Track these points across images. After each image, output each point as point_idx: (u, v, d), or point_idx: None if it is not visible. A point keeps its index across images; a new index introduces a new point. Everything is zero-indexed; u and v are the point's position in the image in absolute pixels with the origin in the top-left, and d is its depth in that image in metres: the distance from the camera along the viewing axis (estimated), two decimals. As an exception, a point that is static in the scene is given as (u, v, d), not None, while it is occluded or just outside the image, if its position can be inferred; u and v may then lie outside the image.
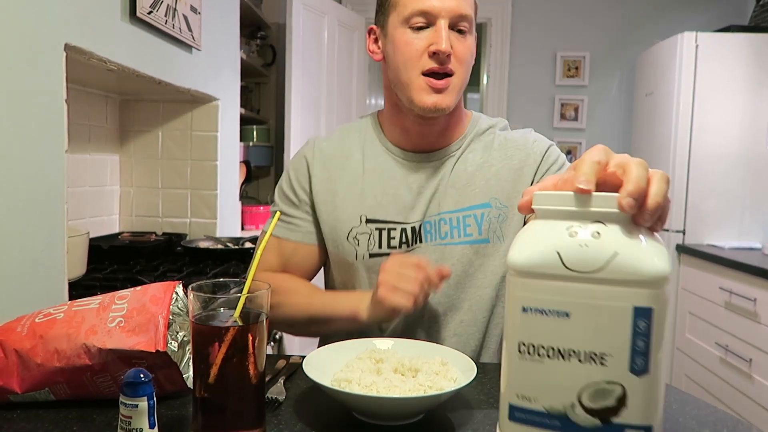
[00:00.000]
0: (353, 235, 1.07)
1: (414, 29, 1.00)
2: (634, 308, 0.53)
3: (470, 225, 1.06)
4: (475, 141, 1.11)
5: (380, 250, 1.06)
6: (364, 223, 1.07)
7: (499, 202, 1.06)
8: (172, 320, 0.77)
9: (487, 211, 1.06)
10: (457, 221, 1.06)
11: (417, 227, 1.06)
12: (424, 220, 1.07)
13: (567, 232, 0.56)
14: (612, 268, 0.54)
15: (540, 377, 0.57)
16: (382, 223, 1.07)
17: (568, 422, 0.56)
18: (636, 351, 0.54)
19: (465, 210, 1.06)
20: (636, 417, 0.54)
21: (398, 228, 1.06)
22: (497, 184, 1.07)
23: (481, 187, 1.07)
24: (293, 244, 1.12)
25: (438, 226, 1.06)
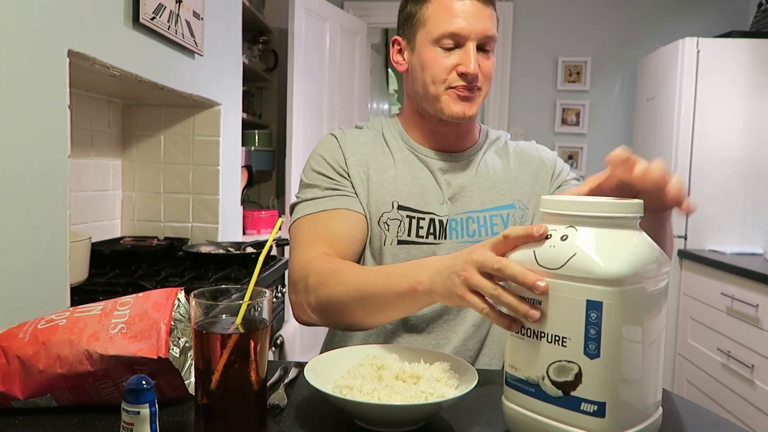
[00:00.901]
0: (384, 220, 1.08)
1: (443, 49, 1.05)
2: (587, 301, 0.63)
3: (497, 224, 1.11)
4: (489, 148, 1.19)
5: (409, 237, 1.08)
6: (396, 209, 1.08)
7: (522, 204, 1.14)
8: (174, 326, 0.77)
9: (512, 212, 1.12)
10: (484, 220, 1.11)
11: (445, 222, 1.09)
12: (450, 216, 1.10)
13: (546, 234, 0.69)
14: (570, 266, 0.65)
15: (522, 352, 0.69)
16: (413, 212, 1.09)
17: (540, 390, 0.67)
18: (589, 337, 0.63)
19: (492, 210, 1.12)
20: (590, 393, 0.64)
21: (427, 218, 1.09)
22: (518, 187, 1.15)
23: (505, 189, 1.14)
24: (336, 214, 1.06)
25: (466, 224, 1.10)
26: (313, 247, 1.03)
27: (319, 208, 1.06)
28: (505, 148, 1.20)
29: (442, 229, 1.09)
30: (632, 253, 0.65)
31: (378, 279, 0.90)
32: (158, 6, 1.59)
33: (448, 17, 1.03)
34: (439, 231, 1.09)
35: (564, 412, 0.65)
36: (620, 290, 0.63)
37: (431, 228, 1.09)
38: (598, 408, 0.63)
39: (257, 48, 3.40)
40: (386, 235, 1.08)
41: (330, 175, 1.09)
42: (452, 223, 1.09)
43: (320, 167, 1.11)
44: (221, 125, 2.21)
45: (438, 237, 1.09)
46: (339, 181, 1.09)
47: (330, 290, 0.95)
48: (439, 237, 1.09)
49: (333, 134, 1.15)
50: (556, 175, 1.19)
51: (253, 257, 1.94)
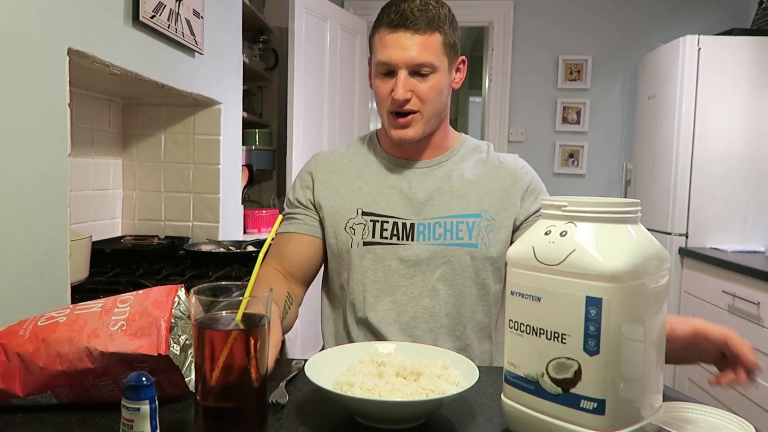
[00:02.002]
0: (350, 225, 1.19)
1: (383, 75, 1.15)
2: (586, 297, 0.63)
3: (462, 230, 1.18)
4: (466, 157, 1.26)
5: (373, 239, 1.18)
6: (360, 215, 1.19)
7: (489, 215, 1.19)
8: (174, 324, 0.77)
9: (478, 221, 1.18)
10: (450, 225, 1.18)
11: (409, 225, 1.18)
12: (418, 221, 1.18)
13: (545, 230, 0.69)
14: (569, 262, 0.64)
15: (521, 349, 0.69)
16: (376, 216, 1.19)
17: (539, 388, 0.67)
18: (588, 334, 0.63)
19: (459, 216, 1.18)
20: (590, 390, 0.63)
21: (390, 221, 1.18)
22: (489, 199, 1.20)
23: (474, 199, 1.20)
24: (288, 236, 1.24)
25: (432, 228, 1.18)
26: (269, 261, 1.23)
27: (282, 230, 1.25)
28: (486, 159, 1.26)
29: (407, 232, 1.18)
30: (632, 249, 0.65)
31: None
32: (158, 4, 1.59)
33: (381, 48, 1.13)
34: (404, 233, 1.18)
35: (563, 410, 0.65)
36: (619, 286, 0.62)
37: (395, 230, 1.18)
38: (598, 405, 0.63)
39: (257, 47, 3.40)
40: (352, 238, 1.19)
41: (296, 201, 1.26)
42: (420, 227, 1.18)
43: (293, 192, 1.28)
44: (222, 124, 2.21)
45: (402, 238, 1.18)
46: (302, 208, 1.25)
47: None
48: (405, 239, 1.18)
49: (309, 166, 1.29)
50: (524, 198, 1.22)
51: (253, 256, 1.93)
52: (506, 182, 1.23)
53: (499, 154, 1.28)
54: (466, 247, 1.17)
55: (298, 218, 1.25)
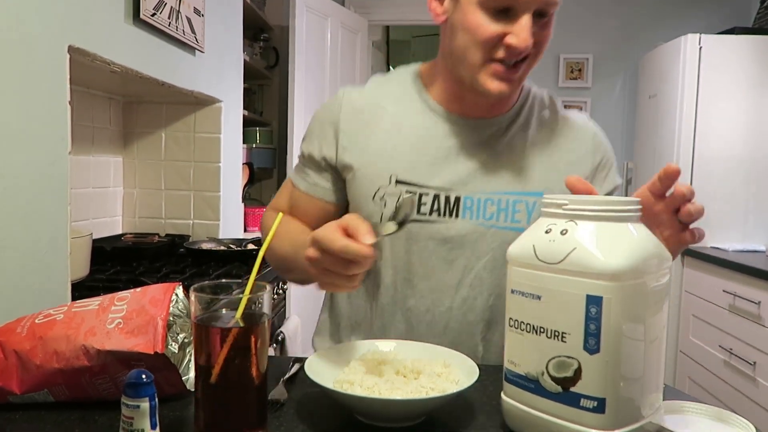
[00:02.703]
0: (380, 195, 0.97)
1: (491, 12, 0.87)
2: (587, 296, 0.63)
3: (520, 211, 0.97)
4: (531, 116, 1.02)
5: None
6: (394, 183, 0.96)
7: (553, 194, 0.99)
8: (173, 322, 0.76)
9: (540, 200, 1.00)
10: (506, 204, 0.97)
11: (453, 198, 0.96)
12: (465, 194, 0.97)
13: (545, 228, 0.68)
14: (570, 260, 0.64)
15: (522, 347, 0.69)
16: (414, 186, 0.96)
17: (539, 386, 0.67)
18: (588, 332, 0.63)
19: (518, 194, 0.97)
20: (590, 389, 0.63)
21: (431, 193, 0.96)
22: (554, 175, 0.98)
23: (539, 173, 0.98)
24: (298, 193, 1.07)
25: (483, 206, 0.97)
26: (279, 207, 1.10)
27: (294, 182, 1.08)
28: (552, 121, 1.03)
29: (450, 207, 0.96)
30: (632, 247, 0.65)
31: (290, 250, 0.96)
32: (159, 2, 1.59)
33: None
34: (447, 208, 0.96)
35: (563, 408, 0.65)
36: (620, 285, 0.62)
37: (435, 204, 0.96)
38: (598, 404, 0.63)
39: (258, 45, 3.39)
40: (383, 212, 0.96)
41: (307, 152, 1.05)
42: (467, 202, 0.96)
43: (308, 143, 1.05)
44: (222, 122, 2.21)
45: (444, 214, 0.96)
46: (315, 167, 1.04)
47: (270, 253, 1.00)
48: (448, 215, 0.96)
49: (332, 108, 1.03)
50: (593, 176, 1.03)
51: (254, 254, 1.93)
52: (575, 154, 1.01)
53: (566, 114, 1.05)
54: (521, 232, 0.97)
55: (310, 176, 1.05)
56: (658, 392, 0.70)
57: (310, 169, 1.05)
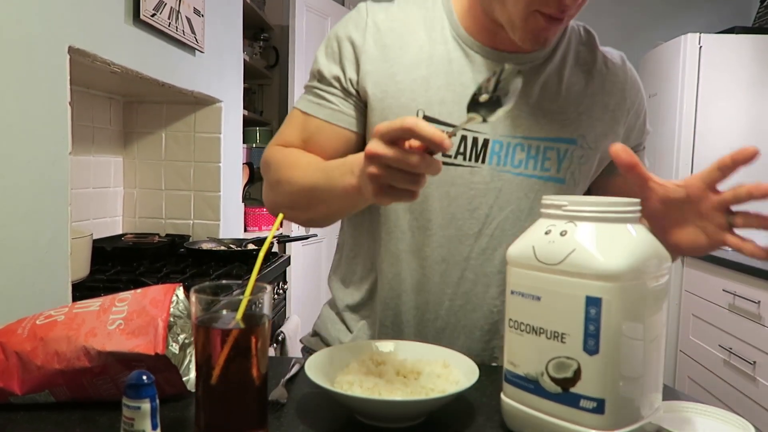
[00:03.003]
0: None
1: None
2: (586, 297, 0.63)
3: (550, 158, 0.91)
4: (569, 54, 0.95)
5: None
6: (421, 118, 0.86)
7: (586, 142, 0.92)
8: (173, 323, 0.77)
9: (572, 149, 0.91)
10: (536, 150, 0.90)
11: (481, 141, 0.89)
12: (494, 137, 0.90)
13: (545, 229, 0.68)
14: (569, 261, 0.64)
15: (521, 348, 0.69)
16: (442, 125, 0.88)
17: (539, 387, 0.67)
18: (588, 333, 0.63)
19: (549, 140, 0.90)
20: (590, 390, 0.63)
21: (459, 133, 0.89)
22: (588, 121, 0.93)
23: (572, 118, 0.92)
24: (318, 122, 0.94)
25: (512, 151, 0.90)
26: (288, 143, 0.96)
27: (309, 110, 0.95)
28: (589, 60, 0.96)
29: (477, 150, 0.89)
30: (632, 248, 0.65)
31: (321, 179, 0.84)
32: (159, 3, 1.59)
33: None
34: (474, 151, 0.89)
35: (563, 409, 0.65)
36: (620, 286, 0.62)
37: (462, 146, 0.89)
38: (597, 405, 0.63)
39: (258, 45, 3.40)
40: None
41: (330, 77, 0.94)
42: (495, 146, 0.89)
43: (325, 61, 0.95)
44: (222, 122, 2.21)
45: (471, 158, 0.89)
46: (339, 90, 0.94)
47: (284, 189, 0.91)
48: (474, 159, 0.89)
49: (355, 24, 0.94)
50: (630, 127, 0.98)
51: (254, 254, 1.94)
52: (612, 99, 0.95)
53: (604, 52, 0.98)
54: (551, 181, 0.91)
55: (330, 102, 0.93)
56: (658, 392, 0.70)
57: (332, 94, 0.94)
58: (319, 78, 0.95)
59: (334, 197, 0.81)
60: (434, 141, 0.62)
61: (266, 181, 0.98)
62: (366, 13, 0.94)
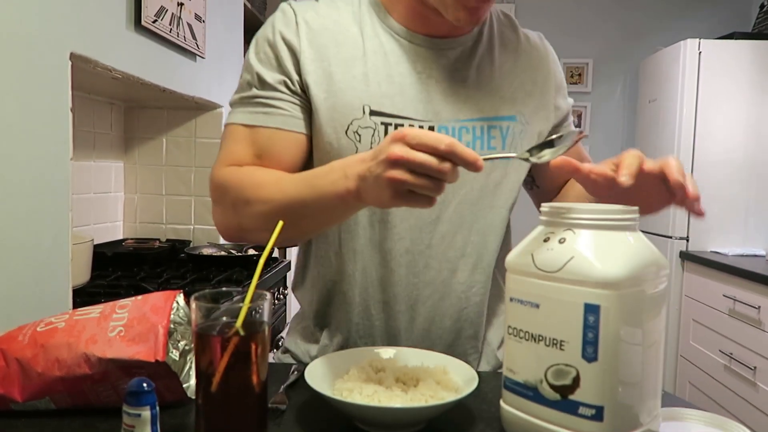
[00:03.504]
0: (354, 129, 0.89)
1: None
2: (585, 304, 0.63)
3: (495, 137, 0.93)
4: (492, 34, 0.98)
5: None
6: (368, 115, 0.89)
7: (524, 118, 0.96)
8: (174, 329, 0.77)
9: (513, 125, 0.95)
10: (481, 131, 0.92)
11: (427, 128, 0.90)
12: (439, 124, 0.91)
13: (544, 237, 0.69)
14: (567, 269, 0.64)
15: (520, 355, 0.69)
16: (389, 117, 0.89)
17: (538, 394, 0.67)
18: (586, 341, 0.63)
19: (491, 120, 0.93)
20: (589, 397, 0.63)
21: (406, 124, 0.90)
22: (523, 97, 0.96)
23: (508, 96, 0.95)
24: (268, 132, 0.90)
25: (458, 134, 0.91)
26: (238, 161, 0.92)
27: (255, 122, 0.91)
28: (514, 40, 1.00)
29: None
30: (630, 256, 0.65)
31: (303, 190, 0.81)
32: (160, 9, 1.60)
33: None
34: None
35: (562, 416, 0.65)
36: (618, 293, 0.62)
37: None
38: (596, 412, 0.63)
39: (259, 50, 3.40)
40: (358, 147, 0.88)
41: (272, 81, 0.90)
42: (441, 132, 0.90)
43: (259, 63, 0.92)
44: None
45: None
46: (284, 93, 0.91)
47: (255, 209, 0.86)
48: None
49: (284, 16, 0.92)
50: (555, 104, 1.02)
51: (254, 259, 1.94)
52: (540, 74, 0.99)
53: (525, 33, 1.03)
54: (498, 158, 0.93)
55: (280, 108, 0.90)
56: (657, 399, 0.70)
57: (280, 99, 0.90)
58: (260, 86, 0.91)
59: (324, 207, 0.79)
60: (469, 161, 0.65)
61: (224, 204, 0.92)
62: (293, 12, 0.92)
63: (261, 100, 0.91)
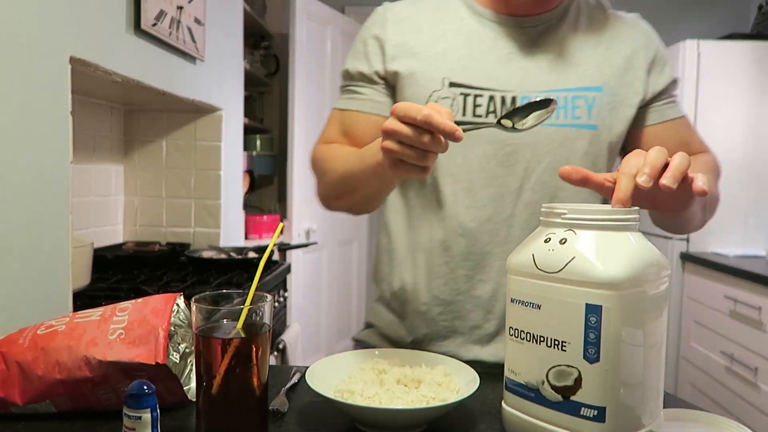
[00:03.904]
0: (433, 99, 0.96)
1: None
2: (586, 305, 0.63)
3: (580, 107, 0.95)
4: (579, 14, 1.01)
5: (464, 117, 0.95)
6: (447, 86, 0.96)
7: (611, 89, 0.97)
8: (174, 332, 0.77)
9: (599, 95, 0.96)
10: (564, 101, 0.95)
11: (510, 99, 0.95)
12: (521, 94, 0.95)
13: (545, 238, 0.69)
14: (569, 270, 0.64)
15: (522, 356, 0.69)
16: (468, 88, 0.95)
17: (539, 395, 0.67)
18: (588, 341, 0.63)
19: (575, 90, 0.96)
20: (590, 398, 0.63)
21: (486, 95, 0.95)
22: (610, 69, 0.98)
23: (595, 68, 0.97)
24: (352, 114, 1.03)
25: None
26: (329, 140, 1.05)
27: (344, 106, 1.05)
28: (603, 18, 1.02)
29: (507, 109, 0.95)
30: (631, 256, 0.65)
31: (355, 163, 0.90)
32: (160, 12, 1.60)
33: None
34: (503, 110, 0.95)
35: (564, 417, 0.65)
36: (619, 294, 0.62)
37: (491, 106, 0.95)
38: (598, 413, 0.63)
39: (258, 53, 3.41)
40: None
41: (358, 74, 1.03)
42: (524, 102, 0.93)
43: (353, 62, 1.05)
44: (223, 130, 2.22)
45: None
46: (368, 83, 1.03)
47: (327, 179, 0.99)
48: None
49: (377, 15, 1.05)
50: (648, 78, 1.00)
51: (255, 262, 1.94)
52: (629, 48, 1.00)
53: (616, 12, 1.05)
54: (584, 129, 0.95)
55: (363, 93, 1.03)
56: (658, 400, 0.70)
57: (362, 87, 1.03)
58: (351, 78, 1.05)
59: (368, 177, 0.86)
60: (447, 132, 0.67)
61: (316, 176, 1.05)
62: (384, 9, 1.05)
63: (350, 89, 1.05)
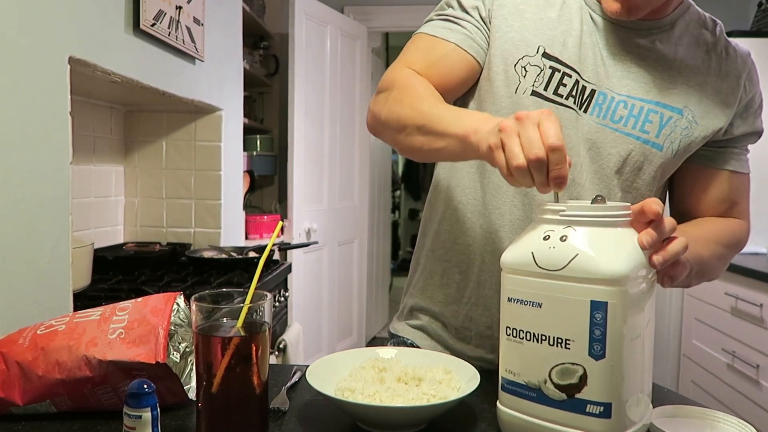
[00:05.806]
0: (522, 64, 0.92)
1: None
2: (591, 302, 0.63)
3: (652, 122, 0.92)
4: (687, 31, 0.96)
5: (545, 92, 0.91)
6: (540, 55, 0.92)
7: (692, 115, 0.93)
8: (174, 331, 0.77)
9: (677, 118, 0.92)
10: (639, 111, 0.92)
11: (589, 90, 0.92)
12: (600, 88, 0.92)
13: (543, 235, 0.68)
14: (572, 267, 0.64)
15: (521, 356, 0.68)
16: (559, 64, 0.91)
17: (542, 395, 0.66)
18: (594, 338, 0.63)
19: (654, 104, 0.92)
20: (596, 395, 0.63)
21: (574, 77, 0.92)
22: (698, 97, 0.94)
23: (682, 90, 0.93)
24: (448, 46, 0.95)
25: (614, 105, 0.92)
26: (411, 66, 0.97)
27: (440, 34, 0.96)
28: (712, 43, 0.97)
29: (584, 98, 0.92)
30: (632, 251, 0.65)
31: (446, 115, 0.84)
32: (158, 12, 1.60)
33: None
34: (581, 98, 0.92)
35: (568, 416, 0.65)
36: (624, 289, 0.62)
37: (574, 90, 0.92)
38: (605, 409, 0.63)
39: (258, 53, 3.41)
40: (521, 81, 0.92)
41: (466, 5, 0.97)
42: (599, 97, 0.91)
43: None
44: (223, 130, 2.22)
45: (578, 104, 0.92)
46: (472, 19, 0.96)
47: (401, 110, 0.90)
48: (580, 105, 0.92)
49: None
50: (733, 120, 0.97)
51: (255, 262, 1.94)
52: (726, 84, 0.95)
53: (727, 42, 0.99)
54: (648, 145, 0.92)
55: (465, 29, 0.95)
56: (649, 391, 0.70)
57: (468, 22, 0.96)
58: (455, 7, 0.98)
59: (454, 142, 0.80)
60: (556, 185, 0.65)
61: (385, 95, 0.96)
62: None
63: (451, 18, 0.97)
